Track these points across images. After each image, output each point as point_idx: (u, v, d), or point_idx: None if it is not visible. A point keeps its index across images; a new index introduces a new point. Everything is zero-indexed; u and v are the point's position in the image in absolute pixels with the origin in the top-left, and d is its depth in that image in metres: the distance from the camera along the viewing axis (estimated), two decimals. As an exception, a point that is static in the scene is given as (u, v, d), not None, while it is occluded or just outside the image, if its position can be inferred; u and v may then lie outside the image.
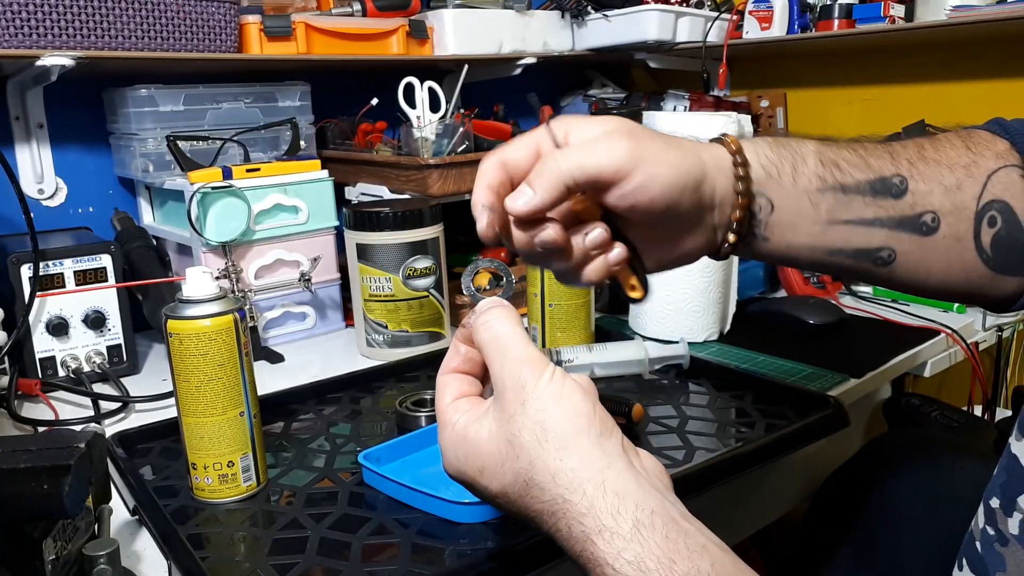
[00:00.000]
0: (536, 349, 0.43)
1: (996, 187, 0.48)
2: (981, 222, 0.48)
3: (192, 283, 0.59)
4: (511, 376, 0.41)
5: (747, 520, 0.83)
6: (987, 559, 0.42)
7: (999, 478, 0.43)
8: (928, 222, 0.48)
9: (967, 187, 0.48)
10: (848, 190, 0.48)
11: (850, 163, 0.49)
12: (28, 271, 0.85)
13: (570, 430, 0.39)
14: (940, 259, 0.49)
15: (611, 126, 0.46)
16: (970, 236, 0.49)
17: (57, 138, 1.07)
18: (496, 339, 0.43)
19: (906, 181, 0.48)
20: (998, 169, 0.48)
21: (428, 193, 1.03)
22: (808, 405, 0.72)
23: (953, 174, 0.49)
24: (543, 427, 0.39)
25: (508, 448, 0.40)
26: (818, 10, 1.25)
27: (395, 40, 1.18)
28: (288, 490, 0.62)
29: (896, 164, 0.49)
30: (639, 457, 0.41)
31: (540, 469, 0.39)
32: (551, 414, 0.40)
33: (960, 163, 0.49)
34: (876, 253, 0.49)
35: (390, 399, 0.80)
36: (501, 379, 0.42)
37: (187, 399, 0.59)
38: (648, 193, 0.44)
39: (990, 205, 0.48)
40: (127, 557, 0.55)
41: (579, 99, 1.59)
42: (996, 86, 1.24)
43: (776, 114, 1.46)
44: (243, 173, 0.97)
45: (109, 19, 0.92)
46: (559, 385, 0.41)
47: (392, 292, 0.92)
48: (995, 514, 0.42)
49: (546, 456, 0.39)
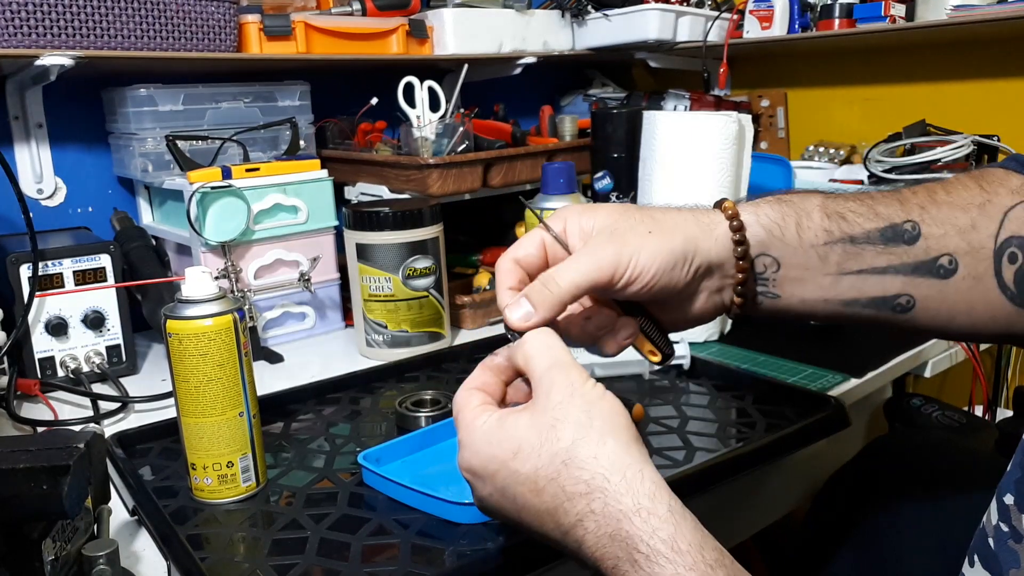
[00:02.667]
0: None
1: (1014, 223, 0.48)
2: (1001, 259, 0.48)
3: (191, 283, 0.58)
4: (560, 373, 0.44)
5: (748, 520, 0.83)
6: (1000, 556, 0.42)
7: (1013, 474, 0.42)
8: (945, 264, 0.48)
9: (983, 226, 0.48)
10: (857, 240, 0.49)
11: (857, 213, 0.49)
12: (27, 271, 0.84)
13: (614, 423, 0.42)
14: (962, 300, 0.49)
15: (599, 221, 0.49)
16: (991, 274, 0.48)
17: (56, 138, 1.07)
18: (548, 348, 0.46)
19: (918, 226, 0.49)
20: (1015, 205, 0.48)
21: (428, 193, 1.03)
22: (809, 405, 0.72)
23: (967, 214, 0.48)
24: (589, 414, 0.42)
25: (550, 431, 0.42)
26: (819, 10, 1.25)
27: (395, 40, 1.18)
28: (288, 490, 0.62)
29: (906, 210, 0.49)
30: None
31: (583, 448, 0.41)
32: (598, 406, 0.43)
33: (974, 203, 0.49)
34: (894, 300, 0.49)
35: (390, 399, 0.80)
36: (549, 377, 0.44)
37: (186, 399, 0.59)
38: (638, 284, 0.47)
39: (1009, 242, 0.48)
40: (126, 558, 0.55)
41: (579, 98, 1.59)
42: (996, 86, 1.24)
43: (776, 114, 1.46)
44: (242, 173, 0.97)
45: (108, 19, 0.92)
46: (603, 390, 0.44)
47: (392, 292, 0.92)
48: (1009, 511, 0.42)
49: (590, 438, 0.41)
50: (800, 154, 1.41)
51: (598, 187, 1.08)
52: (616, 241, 0.47)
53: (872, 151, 1.21)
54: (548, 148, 1.14)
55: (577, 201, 0.92)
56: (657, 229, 0.48)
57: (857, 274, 0.49)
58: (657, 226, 0.48)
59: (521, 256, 0.50)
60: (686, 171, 0.92)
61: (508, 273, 0.50)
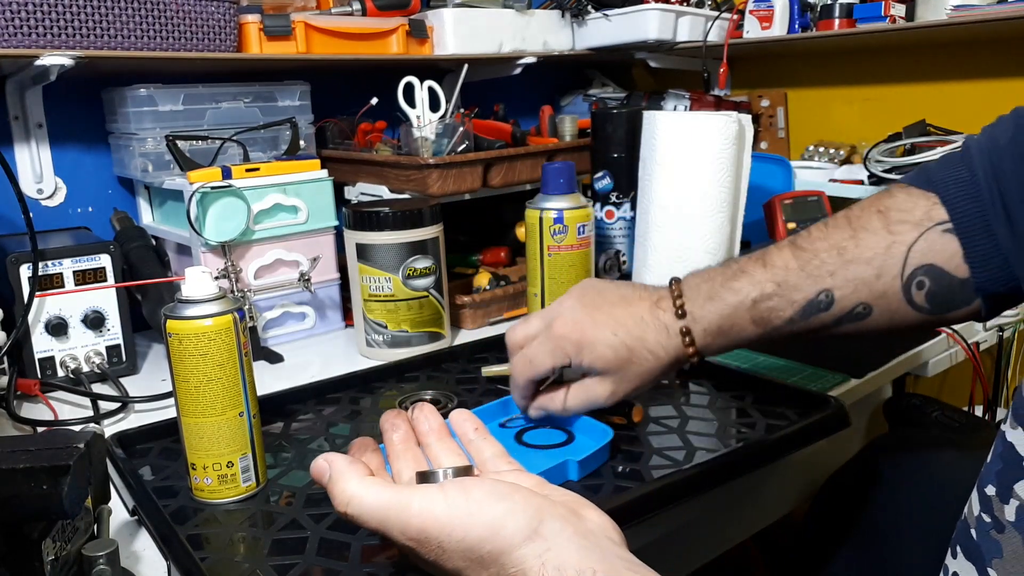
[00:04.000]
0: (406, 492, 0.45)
1: (916, 256, 0.54)
2: (910, 291, 0.54)
3: (191, 283, 0.58)
4: (416, 531, 0.43)
5: (748, 520, 0.83)
6: (983, 546, 0.42)
7: (994, 465, 0.43)
8: (861, 311, 0.56)
9: (888, 269, 0.54)
10: (781, 329, 0.58)
11: (778, 309, 0.58)
12: (27, 271, 0.84)
13: (490, 552, 0.41)
14: (883, 327, 0.57)
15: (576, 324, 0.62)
16: (904, 304, 0.55)
17: (56, 138, 1.07)
18: (384, 506, 0.45)
19: (831, 293, 0.56)
20: (917, 239, 0.54)
21: (428, 193, 1.03)
22: (808, 405, 0.72)
23: (871, 266, 0.55)
24: (470, 558, 0.42)
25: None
26: (818, 10, 1.25)
27: (395, 40, 1.18)
28: (288, 490, 0.62)
29: (818, 281, 0.56)
30: (584, 519, 0.43)
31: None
32: (464, 547, 0.42)
33: (879, 250, 0.55)
34: (822, 335, 0.59)
35: (390, 399, 0.80)
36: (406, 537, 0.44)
37: (186, 399, 0.59)
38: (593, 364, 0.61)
39: (915, 274, 0.54)
40: (126, 557, 0.55)
41: (579, 98, 1.59)
42: (996, 86, 1.24)
43: (776, 113, 1.46)
44: (242, 173, 0.97)
45: (108, 19, 0.92)
46: (463, 506, 0.42)
47: (392, 292, 0.92)
48: (991, 501, 0.42)
49: (487, 574, 0.42)
50: (800, 154, 1.41)
51: (598, 187, 1.08)
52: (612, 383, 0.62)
53: (872, 151, 1.21)
54: (548, 148, 1.14)
55: (577, 201, 0.92)
56: (629, 356, 0.60)
57: (786, 336, 0.59)
58: (629, 354, 0.60)
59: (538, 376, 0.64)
60: (686, 171, 0.92)
61: (526, 389, 0.66)
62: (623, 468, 0.64)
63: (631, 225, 1.07)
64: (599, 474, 0.63)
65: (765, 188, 1.19)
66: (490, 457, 0.52)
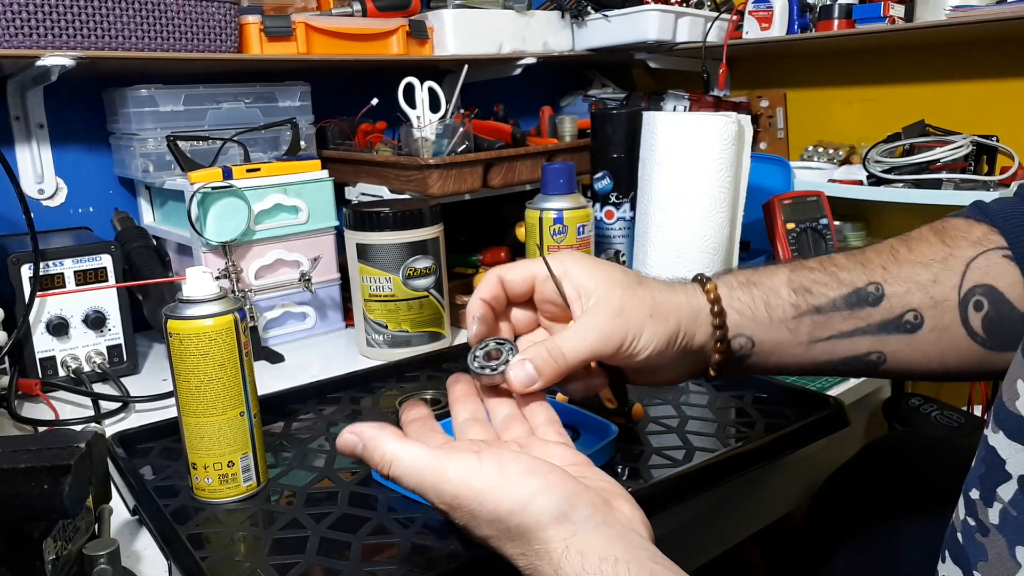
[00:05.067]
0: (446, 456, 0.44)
1: (976, 273, 0.50)
2: (967, 309, 0.50)
3: (192, 283, 0.59)
4: (451, 497, 0.43)
5: (747, 520, 0.83)
6: (968, 550, 0.42)
7: (978, 470, 0.43)
8: (911, 320, 0.51)
9: (945, 279, 0.50)
10: (823, 310, 0.52)
11: (821, 283, 0.52)
12: (28, 271, 0.85)
13: (517, 525, 0.41)
14: (932, 350, 0.51)
15: (602, 288, 0.51)
16: (957, 323, 0.50)
17: (57, 138, 1.07)
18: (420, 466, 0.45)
19: (881, 287, 0.51)
20: (977, 256, 0.50)
21: (428, 193, 1.03)
22: (808, 405, 0.72)
23: (928, 270, 0.51)
24: (498, 528, 0.42)
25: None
26: (818, 10, 1.26)
27: (395, 40, 1.18)
28: (288, 490, 0.62)
29: (869, 273, 0.52)
30: (616, 509, 0.43)
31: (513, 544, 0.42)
32: (493, 517, 0.42)
33: (936, 258, 0.51)
34: (865, 358, 0.52)
35: (390, 399, 0.80)
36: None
37: (187, 399, 0.59)
38: (634, 360, 0.51)
39: (973, 291, 0.50)
40: (127, 557, 0.55)
41: (579, 99, 1.59)
42: (996, 86, 1.24)
43: (776, 114, 1.46)
44: (243, 173, 0.97)
45: (109, 19, 0.92)
46: (496, 478, 0.42)
47: (392, 292, 0.92)
48: (975, 505, 0.42)
49: (512, 545, 0.42)
50: (799, 154, 1.41)
51: (598, 187, 1.08)
52: (622, 320, 0.50)
53: (871, 151, 1.21)
54: (548, 148, 1.14)
55: (576, 201, 0.92)
56: (657, 313, 0.51)
57: (827, 340, 0.52)
58: (657, 310, 0.51)
59: (508, 278, 0.54)
60: (686, 172, 0.92)
61: (489, 285, 0.54)
62: (623, 468, 0.64)
63: (631, 225, 1.07)
64: (599, 474, 0.63)
65: (764, 188, 1.20)
66: (542, 423, 0.51)
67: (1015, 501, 0.40)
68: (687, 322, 0.52)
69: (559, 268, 0.53)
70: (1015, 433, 0.41)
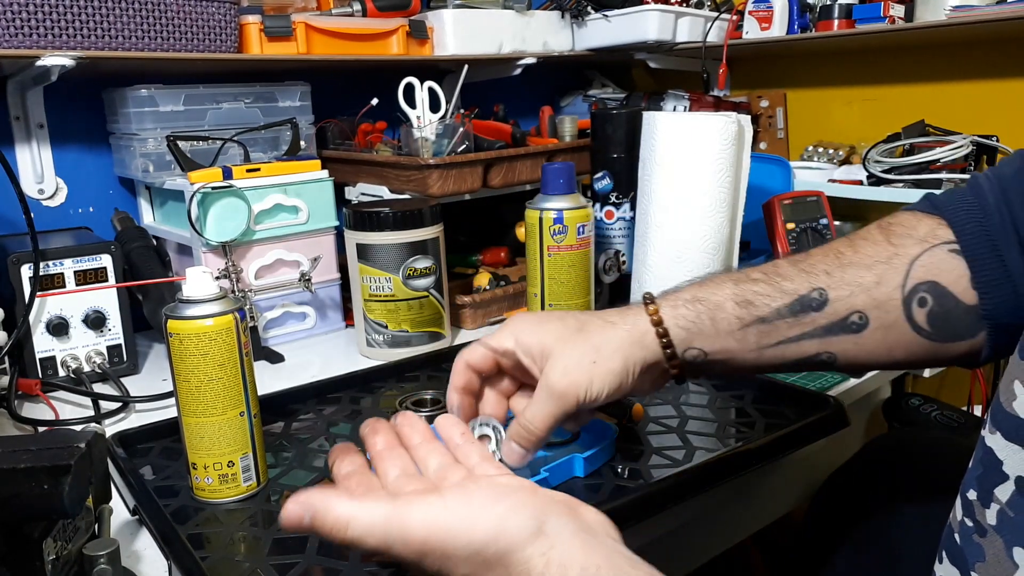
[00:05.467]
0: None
1: (920, 271, 0.51)
2: (911, 306, 0.52)
3: (192, 283, 0.59)
4: (420, 542, 0.42)
5: (747, 520, 0.83)
6: (966, 551, 0.43)
7: (975, 471, 0.43)
8: (856, 320, 0.53)
9: (889, 279, 0.52)
10: (768, 320, 0.54)
11: (763, 295, 0.54)
12: (28, 271, 0.85)
13: (495, 553, 0.41)
14: (880, 347, 0.53)
15: (548, 346, 0.55)
16: (903, 320, 0.52)
17: (57, 138, 1.07)
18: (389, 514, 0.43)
19: (825, 292, 0.53)
20: (921, 253, 0.52)
21: (428, 193, 1.03)
22: (808, 405, 0.72)
23: (872, 272, 0.52)
24: (476, 563, 0.41)
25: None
26: (818, 10, 1.26)
27: (395, 40, 1.18)
28: (288, 490, 0.62)
29: (812, 279, 0.54)
30: (583, 518, 0.43)
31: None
32: (469, 552, 0.41)
33: (880, 258, 0.52)
34: (815, 359, 0.55)
35: (390, 399, 0.80)
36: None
37: (187, 399, 0.59)
38: (597, 404, 0.55)
39: (916, 288, 0.51)
40: (127, 557, 0.55)
41: (579, 99, 1.59)
42: (996, 86, 1.24)
43: (776, 114, 1.46)
44: (243, 173, 0.97)
45: (109, 19, 0.92)
46: (464, 511, 0.42)
47: (392, 292, 0.92)
48: (973, 506, 0.42)
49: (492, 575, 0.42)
50: (799, 154, 1.41)
51: (598, 187, 1.08)
52: (570, 379, 0.54)
53: (871, 151, 1.21)
54: (548, 148, 1.14)
55: (576, 201, 0.92)
56: (600, 358, 0.54)
57: (775, 346, 0.54)
58: (600, 354, 0.54)
59: (474, 361, 0.58)
60: (685, 172, 0.92)
61: (459, 374, 0.58)
62: (623, 468, 0.64)
63: (631, 225, 1.07)
64: (599, 474, 0.63)
65: (764, 188, 1.20)
66: (478, 462, 0.50)
67: (1012, 502, 0.40)
68: (633, 351, 0.55)
69: (511, 337, 0.57)
70: (1012, 434, 0.41)
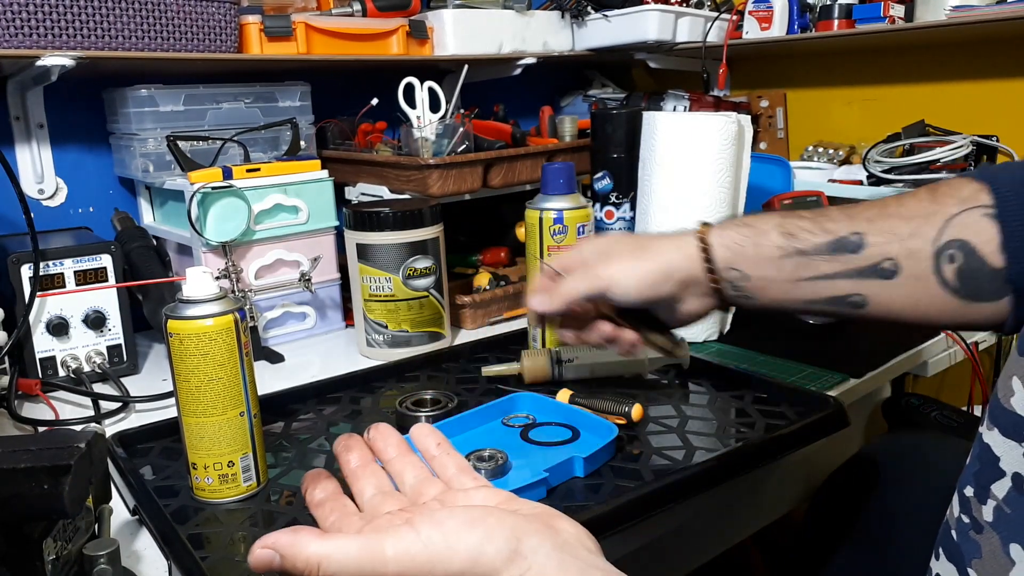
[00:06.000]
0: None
1: (954, 229, 0.53)
2: (940, 260, 0.53)
3: (192, 283, 0.59)
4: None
5: (747, 520, 0.83)
6: (963, 547, 0.43)
7: (972, 467, 0.44)
8: (888, 267, 0.55)
9: (924, 232, 0.54)
10: (806, 253, 0.57)
11: (807, 230, 0.58)
12: (28, 271, 0.85)
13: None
14: (908, 297, 0.55)
15: (600, 246, 0.64)
16: (930, 274, 0.54)
17: (57, 138, 1.07)
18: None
19: (863, 236, 0.56)
20: (959, 213, 0.53)
21: (428, 193, 1.03)
22: (808, 405, 0.72)
23: (909, 224, 0.55)
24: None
25: None
26: (818, 10, 1.26)
27: (395, 40, 1.18)
28: (288, 490, 0.62)
29: (854, 224, 0.57)
30: (560, 532, 0.43)
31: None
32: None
33: (920, 214, 0.55)
34: (847, 299, 0.57)
35: (390, 399, 0.80)
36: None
37: (187, 399, 0.59)
38: (624, 295, 0.61)
39: (948, 245, 0.53)
40: (127, 557, 0.55)
41: (579, 99, 1.59)
42: (995, 86, 1.24)
43: (776, 114, 1.46)
44: (243, 173, 0.97)
45: (109, 19, 0.92)
46: (439, 540, 0.40)
47: (392, 292, 0.92)
48: (969, 502, 0.43)
49: None
50: (799, 154, 1.41)
51: (598, 187, 1.08)
52: (605, 263, 0.62)
53: (871, 151, 1.21)
54: (548, 148, 1.14)
55: (576, 201, 0.92)
56: (641, 254, 0.62)
57: (810, 280, 0.58)
58: (642, 252, 0.62)
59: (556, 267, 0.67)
60: (686, 171, 0.92)
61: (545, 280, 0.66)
62: (623, 468, 0.64)
63: (631, 225, 1.07)
64: (599, 474, 0.63)
65: (764, 188, 1.19)
66: (455, 474, 0.49)
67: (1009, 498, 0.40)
68: (675, 259, 0.60)
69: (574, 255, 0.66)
70: (1010, 430, 0.41)
